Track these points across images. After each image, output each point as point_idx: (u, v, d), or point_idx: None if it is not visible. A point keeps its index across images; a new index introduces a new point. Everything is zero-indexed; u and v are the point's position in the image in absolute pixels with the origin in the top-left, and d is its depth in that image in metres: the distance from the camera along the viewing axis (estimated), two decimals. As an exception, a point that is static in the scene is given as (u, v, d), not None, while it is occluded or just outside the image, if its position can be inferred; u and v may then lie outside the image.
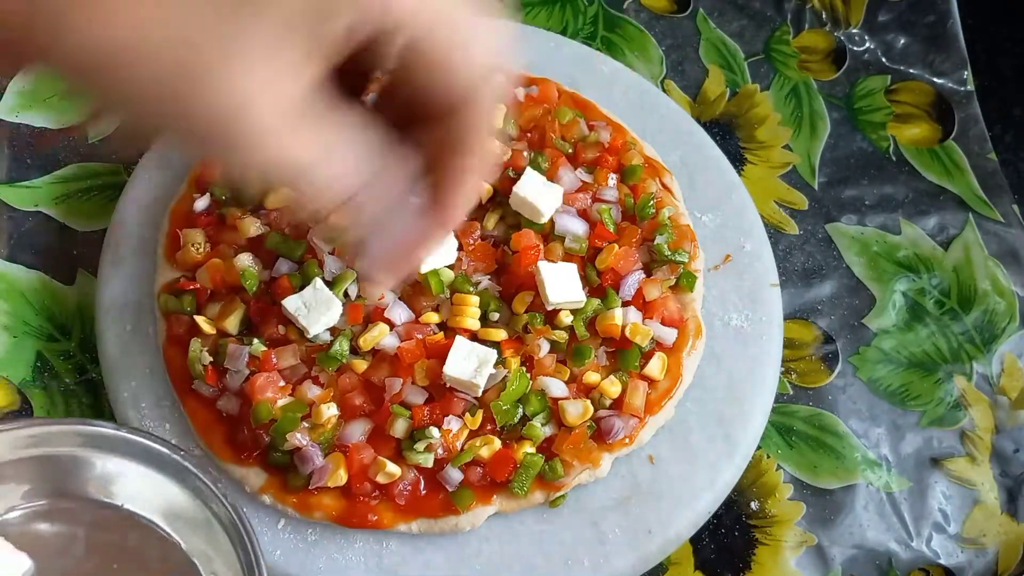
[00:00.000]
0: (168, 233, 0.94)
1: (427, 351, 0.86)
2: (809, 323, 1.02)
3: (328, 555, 0.83)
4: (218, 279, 0.89)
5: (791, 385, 0.99)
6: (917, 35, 1.20)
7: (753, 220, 1.02)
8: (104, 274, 0.94)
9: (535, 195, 0.90)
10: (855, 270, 1.06)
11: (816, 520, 0.92)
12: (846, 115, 1.15)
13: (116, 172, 1.04)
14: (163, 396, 0.89)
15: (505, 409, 0.85)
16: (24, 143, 1.03)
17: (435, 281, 0.88)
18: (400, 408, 0.84)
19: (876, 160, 1.13)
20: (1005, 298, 1.05)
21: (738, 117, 1.14)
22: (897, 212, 1.09)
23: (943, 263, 1.07)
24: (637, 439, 0.87)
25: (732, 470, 0.90)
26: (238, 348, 0.85)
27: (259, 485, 0.84)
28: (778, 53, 1.19)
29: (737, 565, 0.90)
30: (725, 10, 1.21)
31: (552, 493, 0.85)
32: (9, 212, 0.99)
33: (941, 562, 0.92)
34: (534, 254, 0.89)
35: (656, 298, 0.91)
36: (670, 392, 0.89)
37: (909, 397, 0.99)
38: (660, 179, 0.99)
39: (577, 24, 1.18)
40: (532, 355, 0.87)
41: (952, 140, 1.14)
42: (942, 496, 0.95)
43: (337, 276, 0.88)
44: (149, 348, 0.90)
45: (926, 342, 1.02)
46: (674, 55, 1.17)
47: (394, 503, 0.83)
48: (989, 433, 0.98)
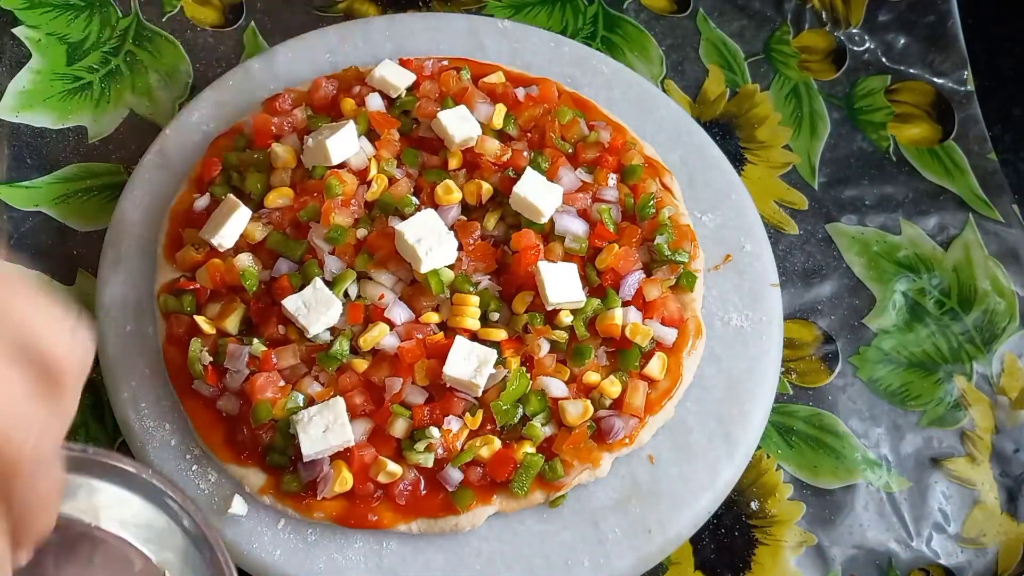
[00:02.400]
0: (168, 233, 0.94)
1: (427, 351, 0.86)
2: (809, 323, 1.02)
3: (328, 555, 0.83)
4: (218, 279, 0.89)
5: (791, 385, 0.99)
6: (917, 35, 1.20)
7: (753, 220, 1.02)
8: (104, 274, 0.95)
9: (535, 195, 0.90)
10: (855, 270, 1.06)
11: (816, 520, 0.92)
12: (846, 115, 1.15)
13: (116, 172, 1.04)
14: (163, 396, 0.89)
15: (505, 409, 0.85)
16: (24, 143, 1.03)
17: (435, 281, 0.88)
18: (400, 408, 0.84)
19: (876, 160, 1.13)
20: (1005, 298, 1.05)
21: (738, 117, 1.14)
22: (897, 212, 1.09)
23: (943, 263, 1.07)
24: (637, 439, 0.87)
25: (732, 470, 0.90)
26: (238, 348, 0.86)
27: (259, 485, 0.84)
28: (778, 53, 1.19)
29: (737, 565, 0.90)
30: (725, 10, 1.21)
31: (552, 493, 0.85)
32: (9, 212, 0.99)
33: (941, 562, 0.92)
34: (534, 254, 0.89)
35: (656, 298, 0.91)
36: (670, 392, 0.89)
37: (909, 397, 0.99)
38: (660, 179, 0.99)
39: (577, 24, 1.18)
40: (532, 355, 0.87)
41: (952, 140, 1.14)
42: (942, 496, 0.95)
43: (337, 276, 0.88)
44: (149, 348, 0.90)
45: (926, 342, 1.02)
46: (674, 55, 1.17)
47: (394, 503, 0.83)
48: (989, 433, 0.98)
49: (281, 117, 0.97)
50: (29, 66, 1.07)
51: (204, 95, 1.04)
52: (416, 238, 0.87)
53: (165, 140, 1.01)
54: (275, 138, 0.96)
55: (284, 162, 0.94)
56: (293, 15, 1.15)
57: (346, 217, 0.90)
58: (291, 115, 0.98)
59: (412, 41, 1.09)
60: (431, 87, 1.00)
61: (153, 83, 1.09)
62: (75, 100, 1.07)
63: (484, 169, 0.94)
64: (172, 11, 1.14)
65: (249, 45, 1.13)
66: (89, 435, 0.91)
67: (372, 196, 0.93)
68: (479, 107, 0.97)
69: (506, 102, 0.99)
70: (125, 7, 1.13)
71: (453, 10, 1.17)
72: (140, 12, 1.13)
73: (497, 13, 1.17)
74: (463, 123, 0.95)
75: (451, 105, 0.97)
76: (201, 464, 0.86)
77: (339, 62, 1.07)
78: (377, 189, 0.93)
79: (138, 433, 0.87)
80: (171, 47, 1.12)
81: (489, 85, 1.01)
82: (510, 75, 1.03)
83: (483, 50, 1.08)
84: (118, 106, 1.07)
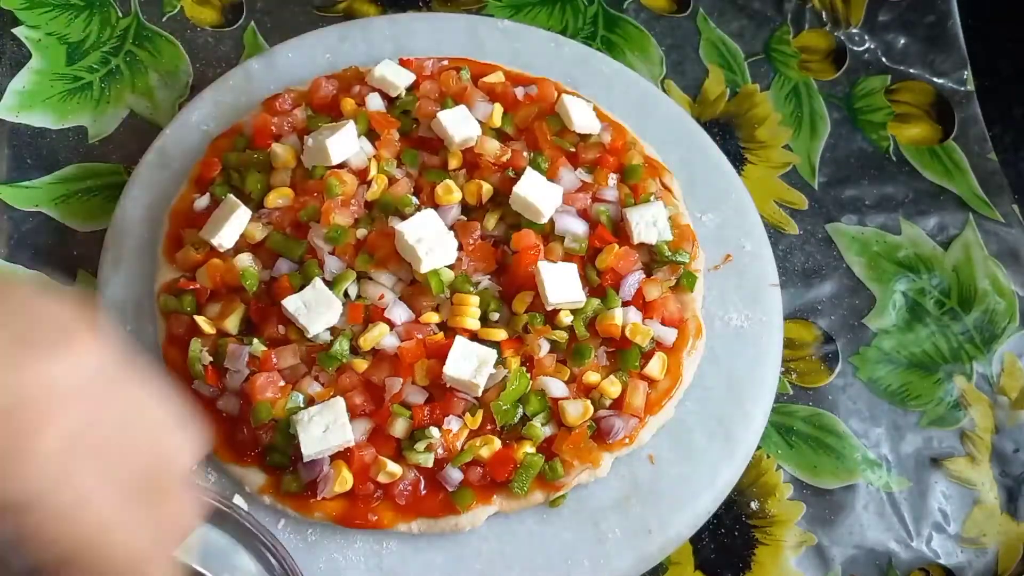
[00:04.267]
0: (168, 233, 0.94)
1: (427, 351, 0.86)
2: (809, 323, 1.02)
3: (328, 555, 0.83)
4: (218, 279, 0.89)
5: (791, 385, 0.99)
6: (917, 35, 1.20)
7: (753, 220, 1.02)
8: (104, 274, 0.95)
9: (535, 195, 0.90)
10: (855, 270, 1.06)
11: (816, 520, 0.92)
12: (846, 115, 1.15)
13: (116, 172, 1.04)
14: (163, 396, 0.89)
15: (505, 409, 0.85)
16: (24, 143, 1.03)
17: (435, 281, 0.88)
18: (400, 408, 0.84)
19: (876, 160, 1.13)
20: (1005, 298, 1.05)
21: (738, 117, 1.14)
22: (897, 212, 1.09)
23: (943, 263, 1.07)
24: (637, 439, 0.87)
25: (732, 470, 0.90)
26: (238, 348, 0.86)
27: (259, 485, 0.84)
28: (778, 53, 1.19)
29: (737, 565, 0.90)
30: (725, 10, 1.21)
31: (552, 493, 0.85)
32: (9, 212, 0.99)
33: (941, 562, 0.92)
34: (534, 254, 0.89)
35: (656, 298, 0.91)
36: (670, 392, 0.89)
37: (909, 397, 0.99)
38: (660, 179, 0.99)
39: (577, 24, 1.18)
40: (532, 355, 0.87)
41: (952, 140, 1.14)
42: (942, 496, 0.95)
43: (337, 276, 0.88)
44: (149, 348, 0.90)
45: (926, 342, 1.02)
46: (674, 55, 1.17)
47: (394, 503, 0.83)
48: (989, 433, 0.98)
49: (281, 117, 0.97)
50: (29, 66, 1.07)
51: (204, 95, 1.04)
52: (416, 238, 0.87)
53: (165, 140, 1.01)
54: (275, 138, 0.96)
55: (284, 162, 0.94)
56: (293, 15, 1.15)
57: (346, 217, 0.90)
58: (291, 115, 0.98)
59: (412, 41, 1.09)
60: (431, 87, 1.00)
61: (153, 83, 1.09)
62: (75, 100, 1.07)
63: (484, 169, 0.94)
64: (172, 11, 1.14)
65: (249, 45, 1.13)
66: (89, 435, 0.91)
67: (372, 196, 0.93)
68: (479, 105, 0.98)
69: (505, 102, 0.99)
70: (125, 7, 1.13)
71: (453, 10, 1.17)
72: (140, 12, 1.13)
73: (497, 13, 1.17)
74: (463, 123, 0.95)
75: (451, 105, 0.97)
76: (201, 464, 0.86)
77: (339, 62, 1.07)
78: (377, 189, 0.93)
79: (138, 433, 0.87)
80: (171, 47, 1.12)
81: (489, 85, 1.01)
82: (510, 75, 1.03)
83: (483, 50, 1.08)
84: (118, 106, 1.07)
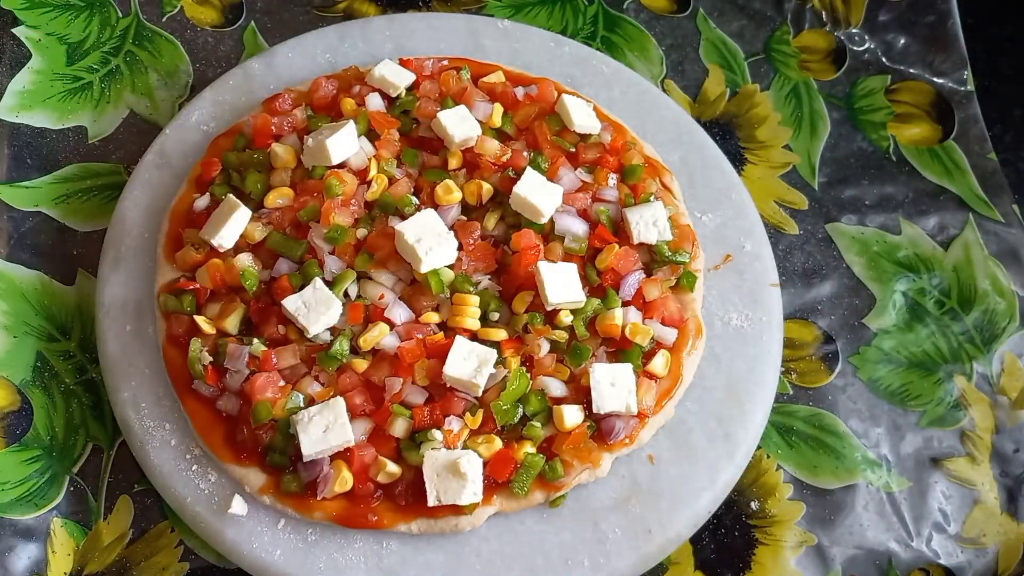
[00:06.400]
0: (168, 233, 0.94)
1: (427, 351, 0.86)
2: (809, 323, 1.02)
3: (328, 555, 0.83)
4: (218, 279, 0.89)
5: (791, 385, 0.99)
6: (917, 35, 1.20)
7: (753, 220, 1.02)
8: (104, 274, 0.95)
9: (535, 195, 0.90)
10: (855, 270, 1.06)
11: (816, 520, 0.92)
12: (846, 115, 1.15)
13: (116, 172, 1.04)
14: (163, 396, 0.89)
15: (505, 409, 0.85)
16: (24, 143, 1.03)
17: (435, 281, 0.88)
18: (400, 408, 0.84)
19: (876, 160, 1.13)
20: (1005, 298, 1.05)
21: (738, 117, 1.14)
22: (897, 212, 1.09)
23: (943, 263, 1.07)
24: (637, 439, 0.87)
25: (732, 470, 0.90)
26: (238, 348, 0.86)
27: (259, 485, 0.84)
28: (778, 53, 1.19)
29: (737, 565, 0.90)
30: (725, 10, 1.21)
31: (552, 493, 0.85)
32: (9, 212, 0.99)
33: (941, 562, 0.92)
34: (534, 254, 0.89)
35: (656, 298, 0.91)
36: (670, 392, 0.89)
37: (909, 397, 0.99)
38: (660, 179, 0.99)
39: (577, 24, 1.18)
40: (532, 355, 0.87)
41: (952, 140, 1.14)
42: (942, 496, 0.95)
43: (337, 276, 0.88)
44: (149, 348, 0.90)
45: (926, 342, 1.02)
46: (674, 55, 1.17)
47: (394, 503, 0.83)
48: (989, 433, 0.98)
49: (281, 117, 0.97)
50: (29, 66, 1.07)
51: (204, 95, 1.04)
52: (416, 238, 0.87)
53: (165, 140, 1.01)
54: (275, 138, 0.96)
55: (284, 162, 0.94)
56: (293, 15, 1.15)
57: (346, 217, 0.90)
58: (291, 115, 0.98)
59: (412, 41, 1.09)
60: (431, 87, 1.00)
61: (153, 83, 1.09)
62: (75, 100, 1.07)
63: (484, 169, 0.94)
64: (172, 11, 1.14)
65: (249, 45, 1.13)
66: (89, 435, 0.91)
67: (372, 196, 0.93)
68: (478, 105, 0.98)
69: (505, 102, 0.99)
70: (125, 7, 1.13)
71: (453, 10, 1.17)
72: (140, 12, 1.13)
73: (497, 13, 1.17)
74: (463, 123, 0.95)
75: (451, 105, 0.97)
76: (201, 464, 0.86)
77: (339, 62, 1.07)
78: (377, 189, 0.93)
79: (138, 433, 0.87)
80: (171, 47, 1.12)
81: (488, 85, 1.01)
82: (510, 75, 1.03)
83: (483, 50, 1.08)
84: (118, 106, 1.07)
